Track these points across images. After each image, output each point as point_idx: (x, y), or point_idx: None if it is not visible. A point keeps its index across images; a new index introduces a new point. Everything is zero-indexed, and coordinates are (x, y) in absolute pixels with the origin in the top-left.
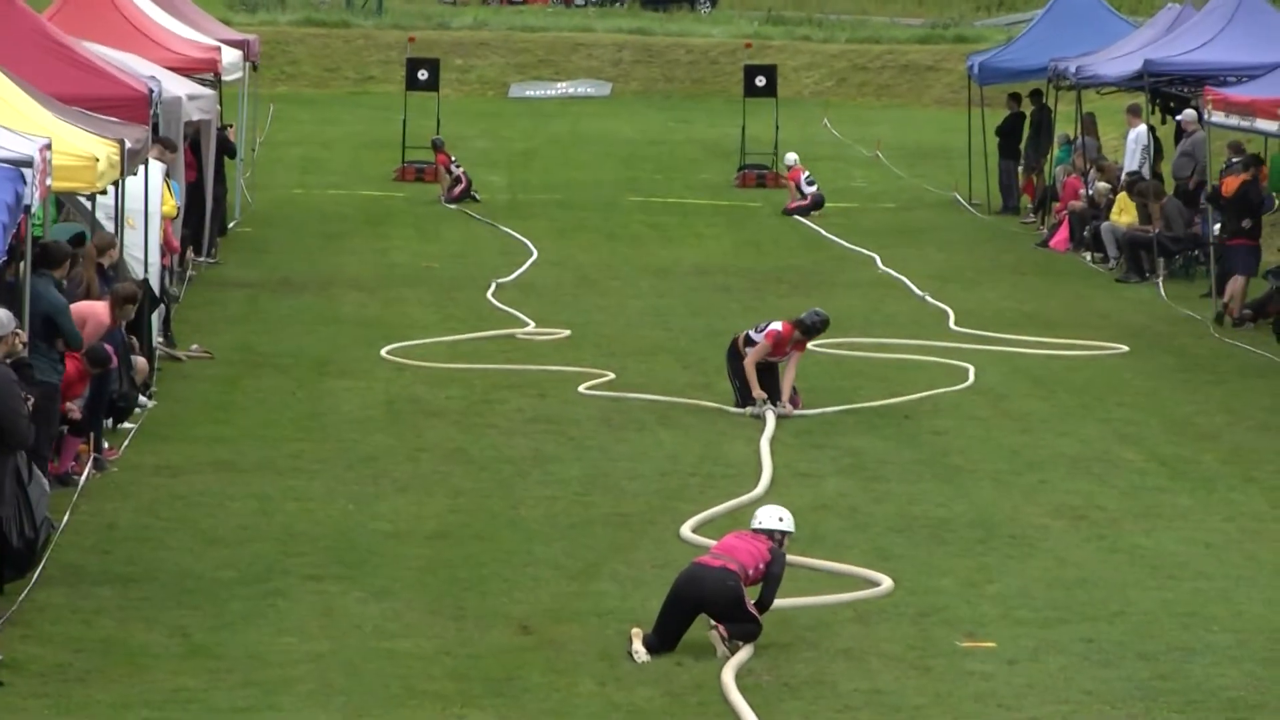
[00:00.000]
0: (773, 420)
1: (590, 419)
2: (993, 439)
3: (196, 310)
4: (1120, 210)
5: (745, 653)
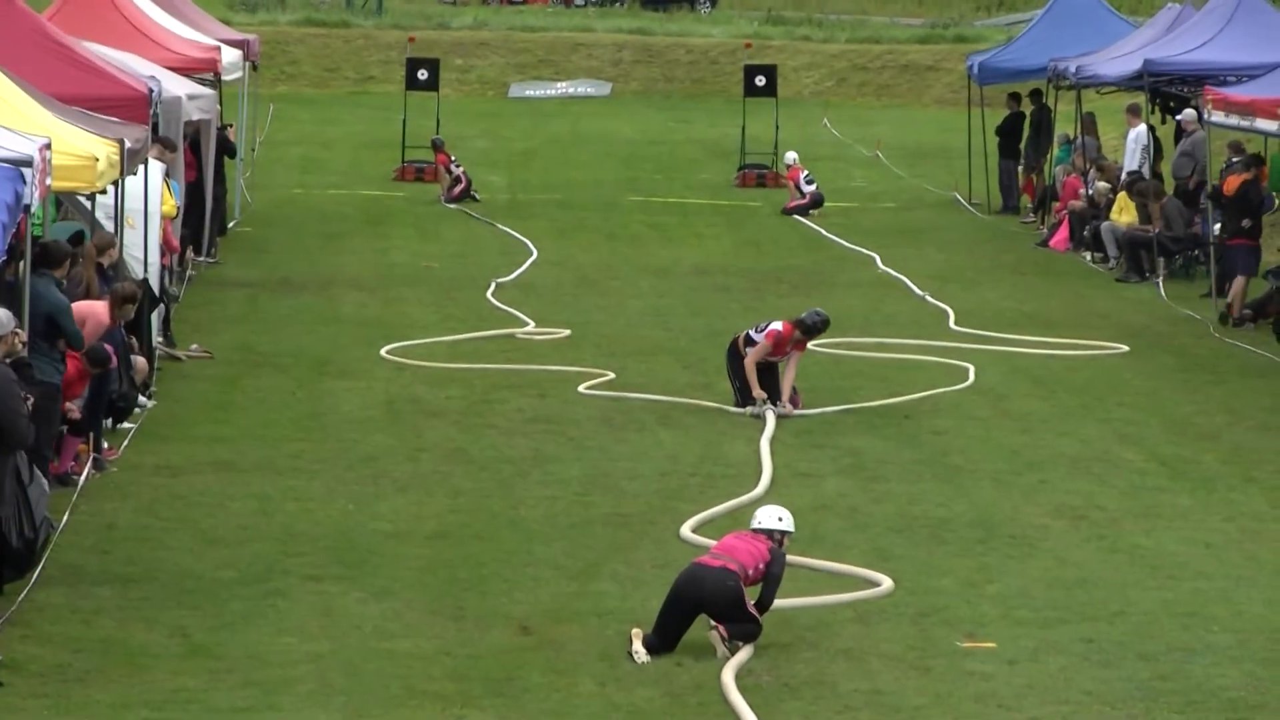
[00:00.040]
0: (773, 420)
1: (590, 419)
2: (993, 439)
3: (196, 310)
4: (1120, 210)
5: (745, 653)
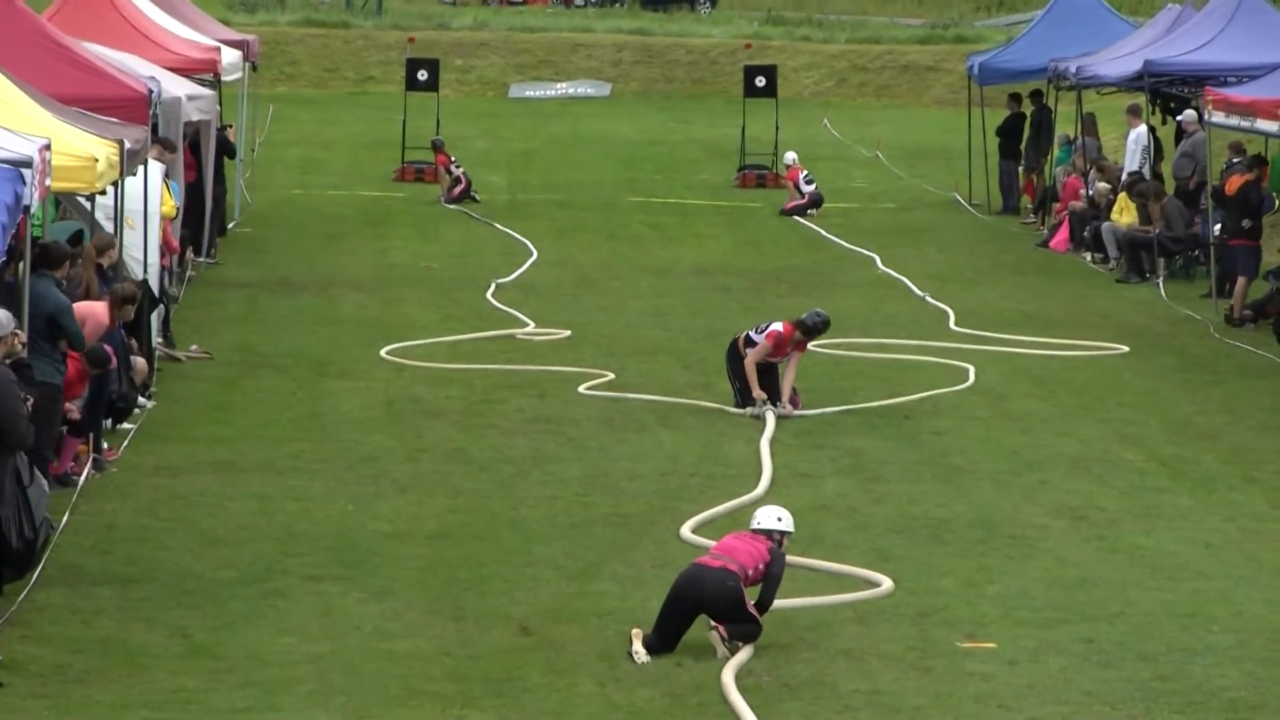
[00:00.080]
0: (772, 421)
1: (590, 419)
2: (993, 439)
3: (196, 311)
4: (1120, 210)
5: (745, 653)
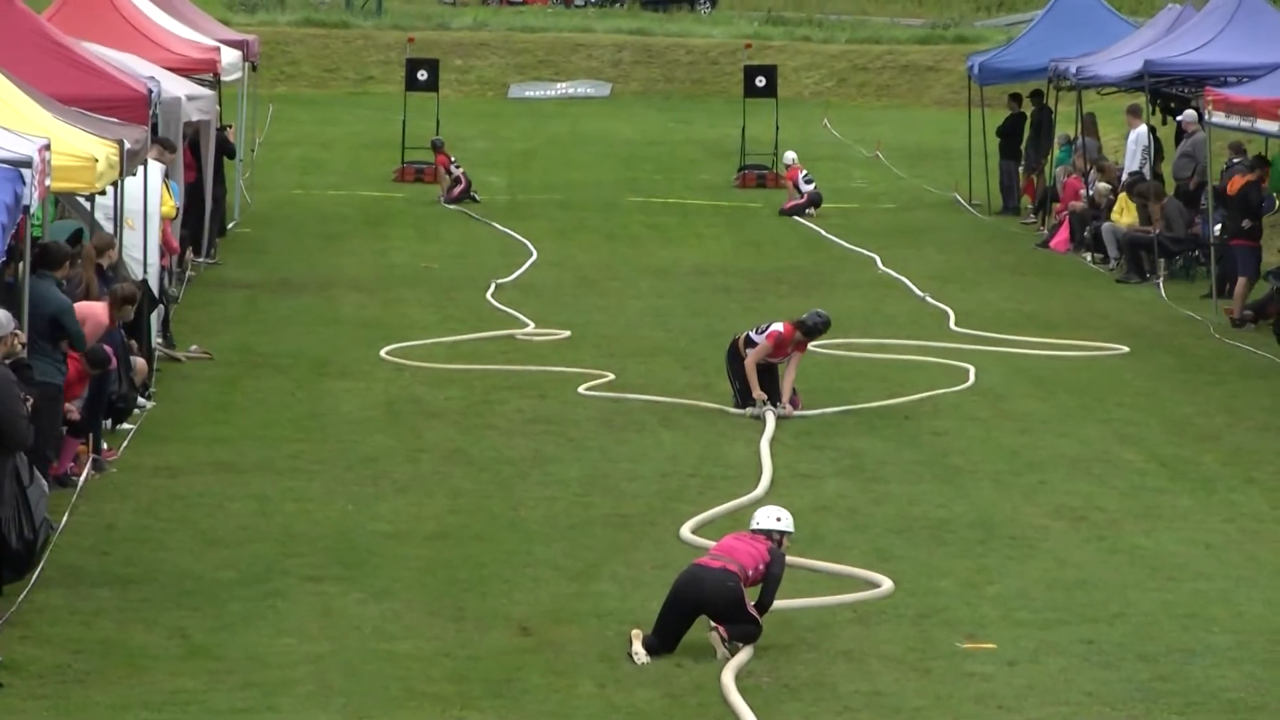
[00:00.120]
0: (772, 421)
1: (590, 420)
2: (993, 440)
3: (196, 311)
4: (1121, 211)
5: (745, 654)
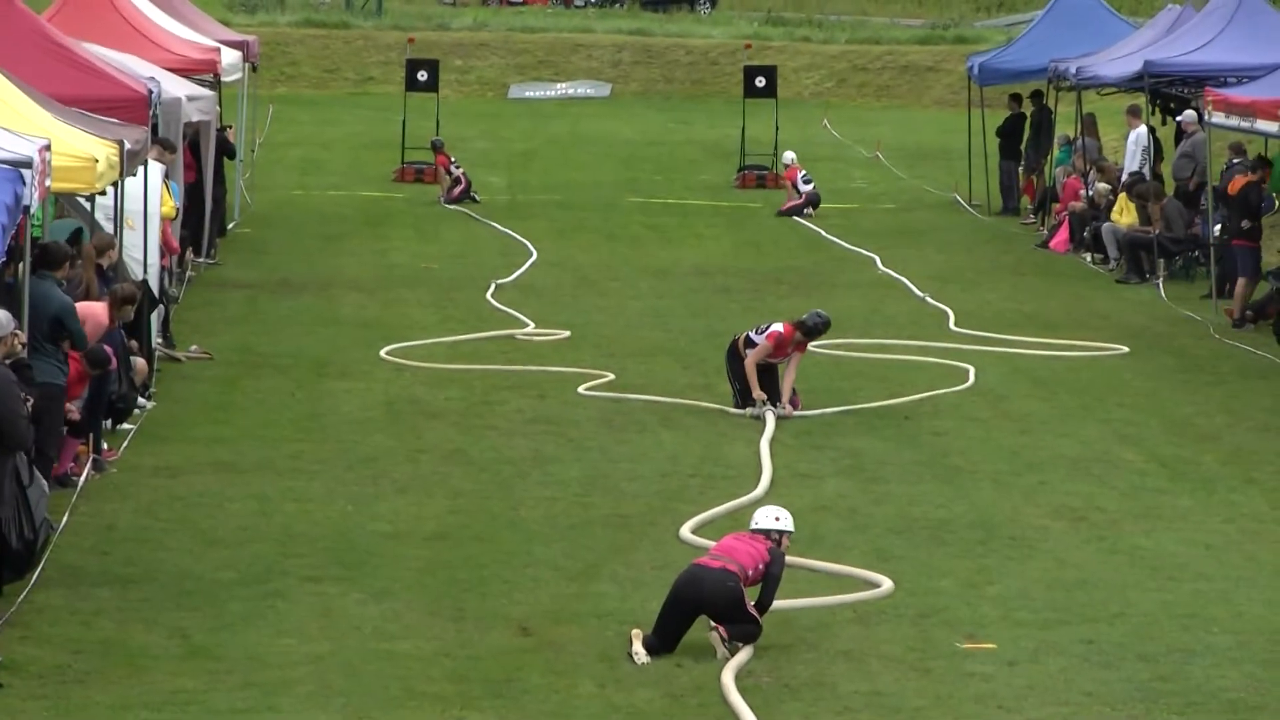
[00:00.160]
0: (772, 421)
1: (590, 420)
2: (993, 440)
3: (196, 311)
4: (1120, 211)
5: (745, 654)
